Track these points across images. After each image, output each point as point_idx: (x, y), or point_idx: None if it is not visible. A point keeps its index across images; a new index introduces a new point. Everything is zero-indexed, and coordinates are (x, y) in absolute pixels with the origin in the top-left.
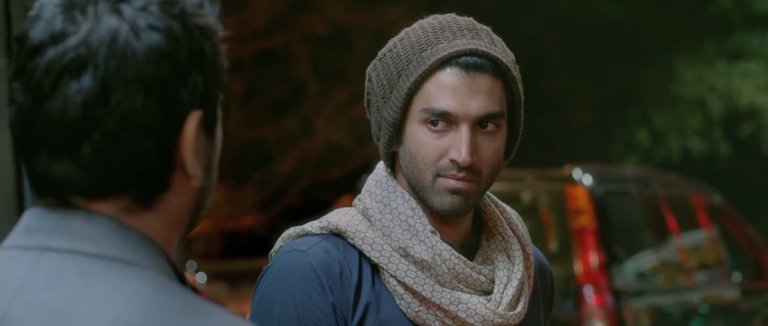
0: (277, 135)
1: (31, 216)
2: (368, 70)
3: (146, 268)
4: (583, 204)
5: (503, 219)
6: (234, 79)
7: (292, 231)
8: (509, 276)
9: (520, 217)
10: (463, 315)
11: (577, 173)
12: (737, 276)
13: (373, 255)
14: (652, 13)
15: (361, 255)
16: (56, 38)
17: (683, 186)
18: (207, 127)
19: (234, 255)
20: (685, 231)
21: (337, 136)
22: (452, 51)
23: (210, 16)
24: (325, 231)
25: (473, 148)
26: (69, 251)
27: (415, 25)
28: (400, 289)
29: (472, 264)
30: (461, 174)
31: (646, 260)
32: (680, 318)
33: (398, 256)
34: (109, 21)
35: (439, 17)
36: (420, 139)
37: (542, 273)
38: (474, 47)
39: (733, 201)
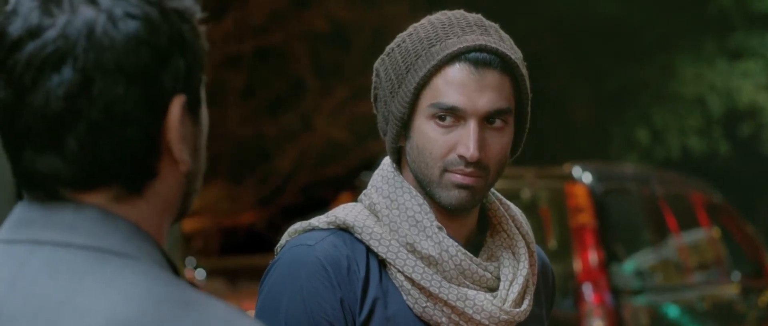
0: (276, 132)
1: (21, 210)
2: (376, 65)
3: (139, 260)
4: (582, 202)
5: (508, 217)
6: (233, 76)
7: (298, 225)
8: (515, 274)
9: (523, 215)
10: (470, 312)
11: (576, 171)
12: (736, 275)
13: (381, 251)
14: (652, 12)
15: (368, 250)
16: (34, 32)
17: (683, 185)
18: (192, 110)
19: (233, 252)
20: (684, 230)
21: (336, 133)
22: (462, 46)
23: None
24: (332, 226)
25: (481, 143)
26: (60, 244)
27: (424, 20)
28: (407, 285)
29: (478, 260)
30: (468, 170)
31: (645, 258)
32: (679, 316)
33: (405, 252)
34: (86, 12)
35: (448, 13)
36: (428, 133)
37: (544, 271)
38: (483, 43)
39: (732, 200)
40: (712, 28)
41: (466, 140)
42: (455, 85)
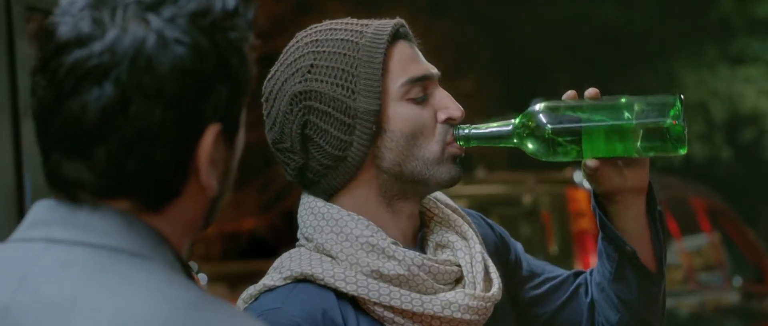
0: None
1: (38, 210)
2: (303, 88)
3: (152, 260)
4: (583, 207)
5: (435, 200)
6: None
7: (252, 290)
8: (471, 254)
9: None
10: (459, 315)
11: (578, 176)
12: (738, 280)
13: (350, 289)
14: (653, 18)
15: (337, 294)
16: (82, 41)
17: (684, 190)
18: (227, 135)
19: (235, 257)
20: (685, 235)
21: None
22: (394, 22)
23: (242, 24)
24: (289, 281)
25: None
26: (74, 242)
27: (310, 30)
28: (389, 314)
29: (440, 259)
30: (453, 138)
31: None
32: (681, 321)
33: (374, 281)
34: (136, 30)
35: (325, 23)
36: (408, 113)
37: (479, 225)
38: (400, 20)
39: (734, 206)
40: (714, 33)
41: (444, 103)
42: (409, 59)
